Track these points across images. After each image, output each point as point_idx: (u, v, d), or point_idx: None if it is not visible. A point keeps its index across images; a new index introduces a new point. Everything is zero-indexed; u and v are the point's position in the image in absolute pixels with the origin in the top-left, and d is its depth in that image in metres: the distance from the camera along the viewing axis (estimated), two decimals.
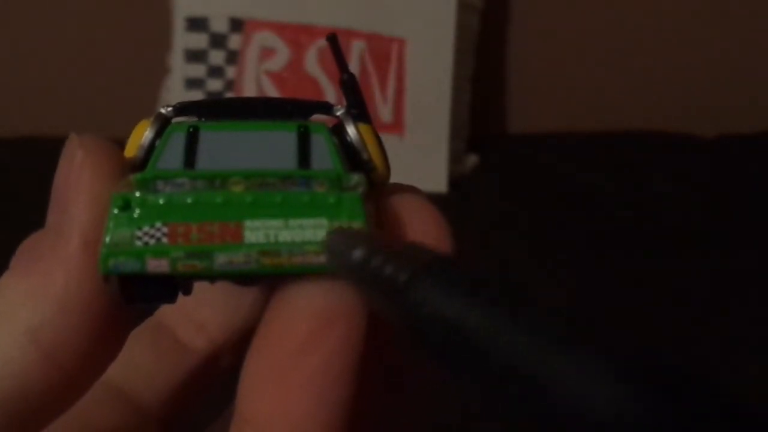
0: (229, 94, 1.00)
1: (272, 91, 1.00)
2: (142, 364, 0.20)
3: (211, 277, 0.16)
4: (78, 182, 0.16)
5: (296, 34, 1.00)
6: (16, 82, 1.12)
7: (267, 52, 1.00)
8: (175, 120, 0.18)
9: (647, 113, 1.18)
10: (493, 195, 0.99)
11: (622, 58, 1.18)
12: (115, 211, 0.16)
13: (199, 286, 0.18)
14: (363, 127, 0.19)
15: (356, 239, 0.15)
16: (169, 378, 0.20)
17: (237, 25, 1.00)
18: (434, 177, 0.98)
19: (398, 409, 0.18)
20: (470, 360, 0.11)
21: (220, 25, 1.00)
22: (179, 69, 1.00)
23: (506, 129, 1.21)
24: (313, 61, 1.00)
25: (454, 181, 1.00)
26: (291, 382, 0.14)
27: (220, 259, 0.15)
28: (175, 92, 1.00)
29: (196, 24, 1.00)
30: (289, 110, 0.19)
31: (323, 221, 0.16)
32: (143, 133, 0.18)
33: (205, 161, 0.17)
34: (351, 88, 0.19)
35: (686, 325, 0.74)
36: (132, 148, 0.18)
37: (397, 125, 1.01)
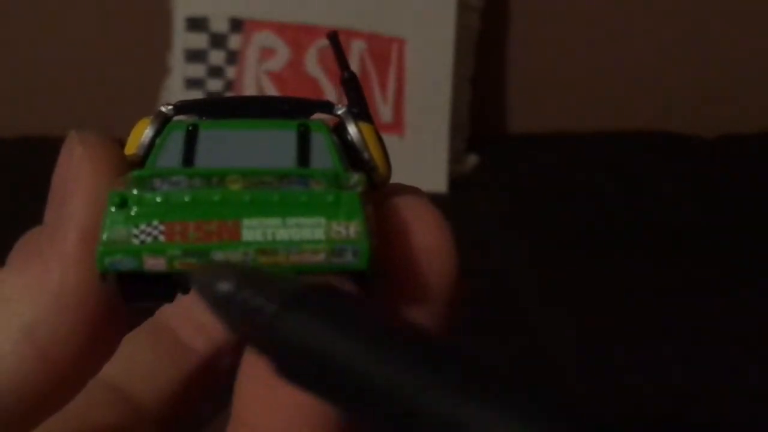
0: (229, 94, 1.00)
1: (272, 91, 1.00)
2: (142, 364, 0.20)
3: None
4: (77, 178, 0.16)
5: (296, 34, 1.00)
6: (16, 82, 1.12)
7: (267, 52, 1.00)
8: (175, 119, 0.18)
9: (647, 113, 1.18)
10: (493, 195, 0.99)
11: (622, 59, 1.18)
12: (112, 208, 0.16)
13: None
14: (364, 126, 0.19)
15: (224, 272, 0.14)
16: (168, 378, 0.20)
17: (237, 25, 1.00)
18: (434, 177, 0.98)
19: None
20: (339, 392, 0.11)
21: (220, 25, 1.00)
22: (179, 69, 1.00)
23: (506, 129, 1.21)
24: (314, 61, 1.00)
25: (454, 181, 1.00)
26: (285, 384, 0.14)
27: (218, 258, 0.15)
28: (175, 92, 1.00)
29: (196, 24, 1.00)
30: (289, 109, 0.19)
31: (321, 220, 0.16)
32: (143, 131, 0.18)
33: (203, 160, 0.17)
34: (352, 86, 0.19)
35: (686, 324, 0.74)
36: (132, 146, 0.18)
37: (397, 125, 1.01)
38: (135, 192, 0.16)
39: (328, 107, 0.19)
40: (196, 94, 1.00)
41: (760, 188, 0.98)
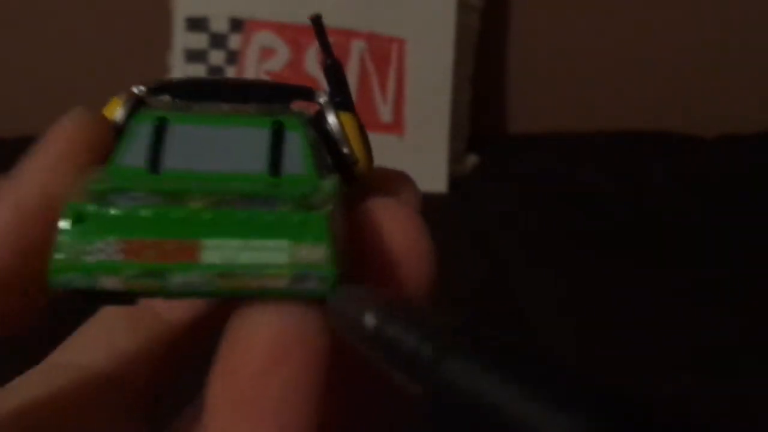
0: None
1: None
2: (124, 344, 0.20)
3: (167, 295, 0.15)
4: (54, 139, 0.16)
5: (296, 34, 1.00)
6: (16, 82, 1.12)
7: (267, 52, 1.00)
8: (145, 105, 0.18)
9: (647, 113, 1.18)
10: (493, 195, 0.99)
11: (622, 58, 1.18)
12: (68, 224, 0.15)
13: None
14: (345, 116, 0.18)
15: (365, 301, 0.13)
16: (152, 353, 0.20)
17: (237, 25, 1.00)
18: (434, 177, 0.98)
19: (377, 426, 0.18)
20: None
21: (220, 25, 1.00)
22: (179, 69, 1.00)
23: (506, 129, 1.21)
24: (313, 61, 1.00)
25: (454, 181, 1.00)
26: (252, 409, 0.14)
27: (175, 279, 0.15)
28: None
29: (196, 24, 1.00)
30: (268, 94, 0.18)
31: (285, 243, 0.15)
32: (114, 112, 0.17)
33: (170, 160, 0.17)
34: (334, 74, 0.18)
35: (687, 324, 0.74)
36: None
37: (397, 125, 1.01)
38: (91, 207, 0.15)
39: (308, 94, 0.18)
40: None
41: (760, 188, 0.97)
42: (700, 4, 1.17)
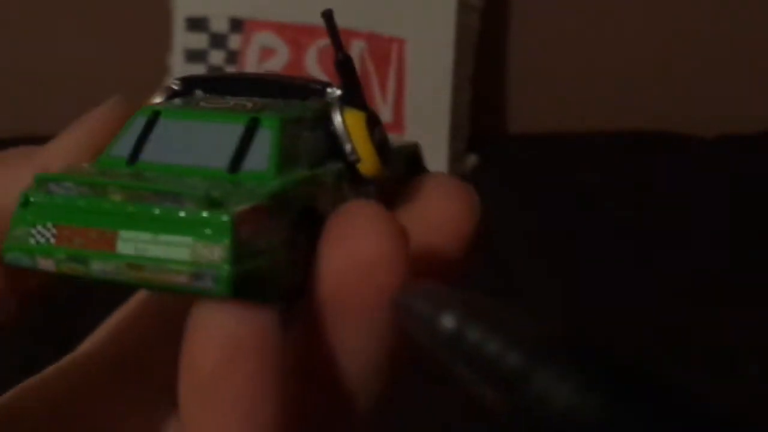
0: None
1: None
2: (153, 333, 0.21)
3: (92, 281, 0.16)
4: (87, 119, 0.19)
5: (296, 34, 1.00)
6: (16, 82, 1.12)
7: (267, 52, 1.00)
8: (157, 101, 0.19)
9: (647, 113, 1.18)
10: (493, 195, 0.98)
11: (622, 59, 1.18)
12: (18, 207, 0.16)
13: None
14: (352, 114, 0.18)
15: (443, 300, 0.12)
16: (170, 339, 0.21)
17: (237, 25, 1.00)
18: None
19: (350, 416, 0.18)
20: None
21: (220, 25, 1.00)
22: (179, 69, 1.00)
23: (506, 129, 1.21)
24: (313, 61, 1.00)
25: None
26: (214, 404, 0.14)
27: (96, 266, 0.16)
28: None
29: (196, 24, 1.00)
30: (284, 90, 0.19)
31: (189, 240, 0.15)
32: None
33: (149, 152, 0.18)
34: (347, 70, 0.18)
35: (687, 324, 0.74)
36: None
37: (397, 125, 1.01)
38: (35, 193, 0.16)
39: (320, 91, 0.19)
40: None
41: (760, 188, 0.97)
42: (700, 4, 1.17)
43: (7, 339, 0.18)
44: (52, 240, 0.16)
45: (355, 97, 0.18)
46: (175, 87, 0.19)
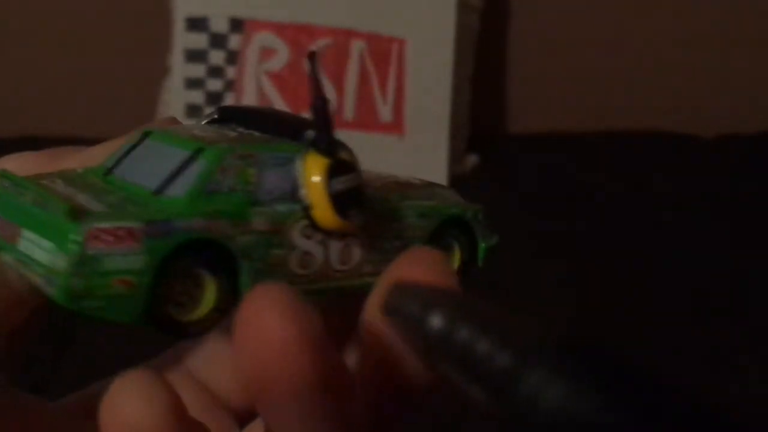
0: (229, 94, 1.00)
1: (272, 91, 1.00)
2: (217, 356, 0.21)
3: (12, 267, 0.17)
4: (131, 132, 0.20)
5: (296, 34, 1.00)
6: (16, 82, 1.12)
7: (267, 52, 1.00)
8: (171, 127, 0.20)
9: (647, 113, 1.18)
10: (493, 195, 0.98)
11: (622, 59, 1.18)
12: None
13: None
14: (313, 159, 0.18)
15: (431, 299, 0.11)
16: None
17: (237, 25, 1.00)
18: (434, 177, 0.97)
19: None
20: None
21: (220, 25, 1.00)
22: (179, 69, 1.00)
23: (506, 129, 1.21)
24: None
25: (454, 181, 1.00)
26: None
27: (6, 257, 0.17)
28: (175, 92, 1.00)
29: (196, 24, 1.00)
30: (280, 129, 0.19)
31: (53, 246, 0.16)
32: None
33: (122, 166, 0.19)
34: (321, 113, 0.18)
35: (686, 324, 0.74)
36: None
37: (397, 125, 1.01)
38: None
39: (299, 136, 0.19)
40: (197, 94, 1.00)
41: (760, 188, 0.98)
42: (701, 4, 1.17)
43: (7, 339, 0.18)
44: None
45: (327, 142, 0.18)
46: (211, 114, 0.21)
